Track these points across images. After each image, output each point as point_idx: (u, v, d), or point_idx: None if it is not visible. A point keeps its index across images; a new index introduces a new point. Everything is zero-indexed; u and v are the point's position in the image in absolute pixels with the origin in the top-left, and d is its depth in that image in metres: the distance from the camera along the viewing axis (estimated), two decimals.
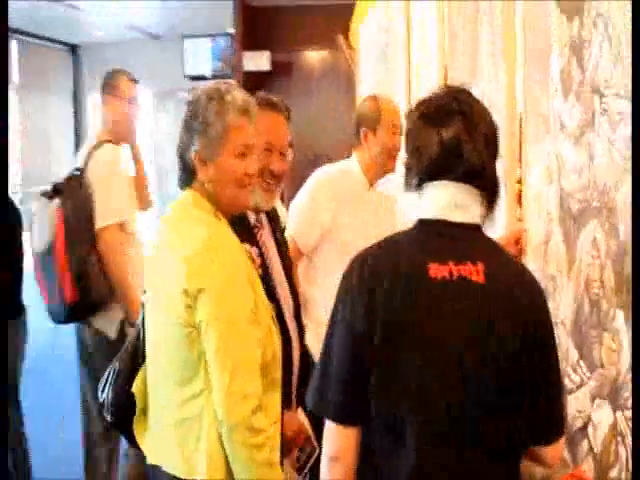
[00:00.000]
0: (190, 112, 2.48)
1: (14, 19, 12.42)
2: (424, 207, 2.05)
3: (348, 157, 4.13)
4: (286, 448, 2.78)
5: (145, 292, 2.64)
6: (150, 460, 2.52)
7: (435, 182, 2.02)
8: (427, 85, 4.49)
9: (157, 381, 2.51)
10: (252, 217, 2.87)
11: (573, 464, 2.59)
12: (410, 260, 2.00)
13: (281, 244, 3.01)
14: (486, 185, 2.07)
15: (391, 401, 1.96)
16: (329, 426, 2.05)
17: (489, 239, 2.13)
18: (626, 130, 2.30)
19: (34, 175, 12.70)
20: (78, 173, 4.30)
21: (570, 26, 2.65)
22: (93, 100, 14.94)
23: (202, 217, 2.45)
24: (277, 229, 3.06)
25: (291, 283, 3.03)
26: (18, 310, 4.74)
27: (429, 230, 2.05)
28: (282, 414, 2.62)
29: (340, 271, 2.94)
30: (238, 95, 2.48)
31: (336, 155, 5.68)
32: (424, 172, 2.04)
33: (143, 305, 2.66)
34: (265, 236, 2.87)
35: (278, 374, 2.53)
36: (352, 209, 3.86)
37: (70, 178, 4.35)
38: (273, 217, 3.06)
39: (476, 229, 2.06)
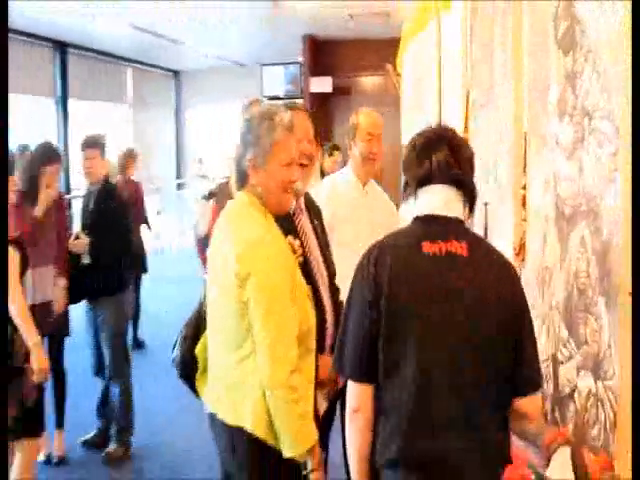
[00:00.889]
0: (245, 127, 2.48)
1: (130, 51, 12.66)
2: (418, 207, 2.12)
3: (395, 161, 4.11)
4: (320, 384, 2.76)
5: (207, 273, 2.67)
6: (208, 409, 2.55)
7: (427, 187, 2.10)
8: (454, 105, 4.44)
9: (215, 346, 2.54)
10: (293, 204, 2.82)
11: (561, 424, 2.56)
12: (407, 242, 2.09)
13: (317, 228, 2.96)
14: (466, 190, 2.13)
15: (395, 354, 2.00)
16: (349, 385, 2.09)
17: (472, 231, 2.22)
18: (610, 147, 2.26)
19: (145, 174, 12.92)
20: (226, 180, 4.34)
21: (566, 60, 2.60)
22: (190, 115, 15.13)
23: (253, 215, 2.45)
24: (314, 216, 3.01)
25: (326, 260, 2.98)
26: (124, 286, 4.80)
27: (422, 222, 2.11)
28: (317, 359, 2.62)
29: (339, 259, 2.94)
30: (285, 116, 2.47)
31: (385, 161, 5.62)
32: (419, 181, 2.12)
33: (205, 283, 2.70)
34: (304, 221, 2.83)
35: (312, 344, 2.51)
36: (348, 207, 3.78)
37: (221, 184, 4.43)
38: (311, 205, 3.03)
39: (460, 222, 2.12)
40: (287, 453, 2.33)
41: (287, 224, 2.63)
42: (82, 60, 11.95)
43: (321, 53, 11.60)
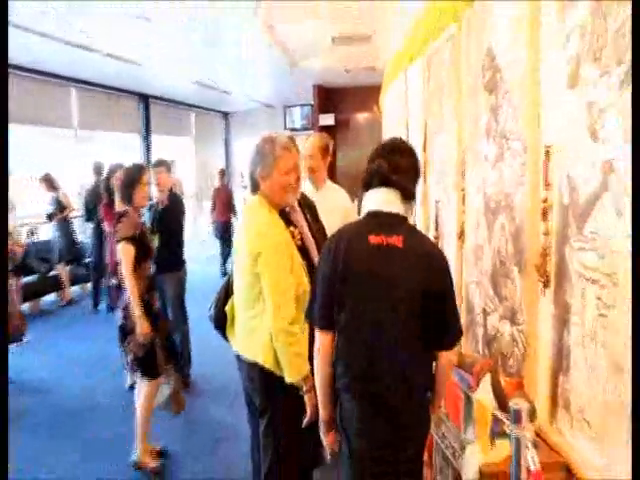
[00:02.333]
0: (255, 150, 2.48)
1: (193, 99, 12.67)
2: (368, 204, 2.04)
3: None
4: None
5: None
6: (236, 351, 2.55)
7: (374, 189, 2.03)
8: (417, 131, 4.40)
9: (238, 305, 2.55)
10: (287, 208, 2.71)
11: (489, 357, 2.54)
12: (358, 233, 2.00)
13: (310, 221, 2.83)
14: (404, 191, 2.02)
15: (348, 314, 1.97)
16: (316, 332, 2.08)
17: (410, 225, 2.05)
18: (520, 160, 2.23)
19: (206, 184, 12.90)
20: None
21: (490, 98, 2.56)
22: (237, 145, 15.13)
23: (263, 211, 2.45)
24: (308, 213, 2.85)
25: (317, 242, 2.83)
26: (182, 264, 4.78)
27: (370, 216, 2.02)
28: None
29: None
30: (282, 138, 2.47)
31: None
32: (364, 184, 2.07)
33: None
34: (298, 216, 2.71)
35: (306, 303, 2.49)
36: None
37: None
38: (305, 203, 2.88)
39: (401, 217, 2.01)
40: (287, 379, 2.34)
41: (285, 217, 2.59)
42: (160, 107, 11.99)
43: (327, 97, 11.52)
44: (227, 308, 2.63)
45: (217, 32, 6.54)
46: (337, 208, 3.52)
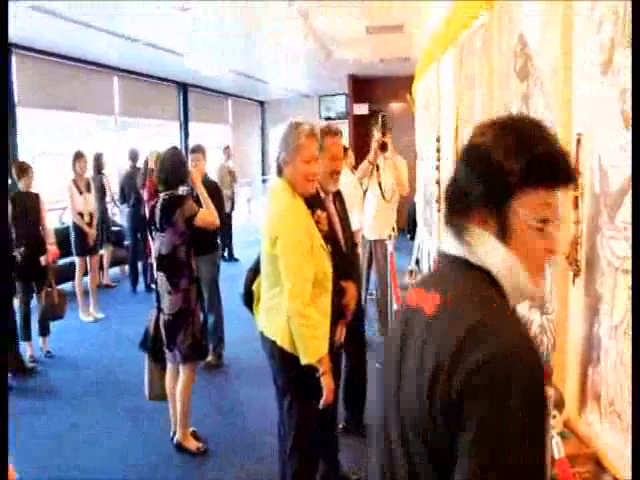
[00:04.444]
0: (281, 136, 2.47)
1: (230, 88, 12.72)
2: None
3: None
4: (342, 313, 2.74)
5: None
6: (259, 328, 2.57)
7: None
8: (448, 120, 4.31)
9: (263, 285, 2.55)
10: (322, 195, 2.82)
11: None
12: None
13: (339, 209, 2.92)
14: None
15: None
16: None
17: (464, 277, 1.08)
18: None
19: (242, 172, 12.95)
20: None
21: (522, 85, 2.49)
22: (272, 134, 15.15)
23: (285, 195, 2.43)
24: (340, 202, 2.97)
25: (343, 227, 2.94)
26: (217, 247, 4.79)
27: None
28: (339, 285, 2.62)
29: None
30: (307, 126, 2.44)
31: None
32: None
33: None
34: (329, 203, 2.81)
35: (329, 286, 2.46)
36: None
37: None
38: (340, 196, 3.00)
39: (461, 262, 1.08)
40: (302, 361, 2.32)
41: (319, 203, 2.63)
42: (198, 95, 12.07)
43: (361, 87, 11.44)
44: (254, 287, 2.64)
45: (254, 22, 6.53)
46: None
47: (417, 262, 6.08)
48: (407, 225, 9.54)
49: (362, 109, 11.25)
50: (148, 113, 10.47)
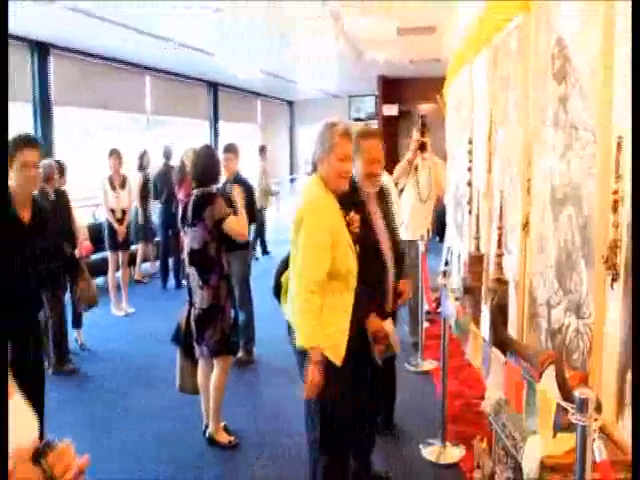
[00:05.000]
0: (317, 135, 2.49)
1: (259, 88, 12.81)
2: None
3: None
4: (372, 341, 2.71)
5: None
6: (287, 318, 2.55)
7: None
8: (482, 122, 4.28)
9: (290, 276, 2.53)
10: (364, 196, 2.80)
11: (552, 349, 2.46)
12: None
13: (385, 210, 2.88)
14: None
15: None
16: None
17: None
18: (590, 151, 2.14)
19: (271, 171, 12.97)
20: None
21: (559, 88, 2.47)
22: (301, 133, 15.23)
23: (317, 189, 2.45)
24: (383, 201, 2.92)
25: (390, 232, 2.87)
26: (248, 245, 4.80)
27: None
28: (363, 316, 2.61)
29: None
30: (341, 125, 2.46)
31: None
32: None
33: None
34: (371, 205, 2.79)
35: (352, 283, 2.44)
36: None
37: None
38: (383, 195, 2.95)
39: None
40: (297, 342, 2.34)
41: (356, 205, 2.62)
42: (228, 95, 12.19)
43: (390, 87, 11.40)
44: (283, 279, 2.65)
45: (286, 23, 6.56)
46: None
47: (446, 263, 6.04)
48: (436, 227, 9.50)
49: (392, 110, 11.21)
50: (179, 112, 10.60)
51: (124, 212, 6.42)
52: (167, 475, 3.25)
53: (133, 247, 7.50)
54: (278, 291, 2.71)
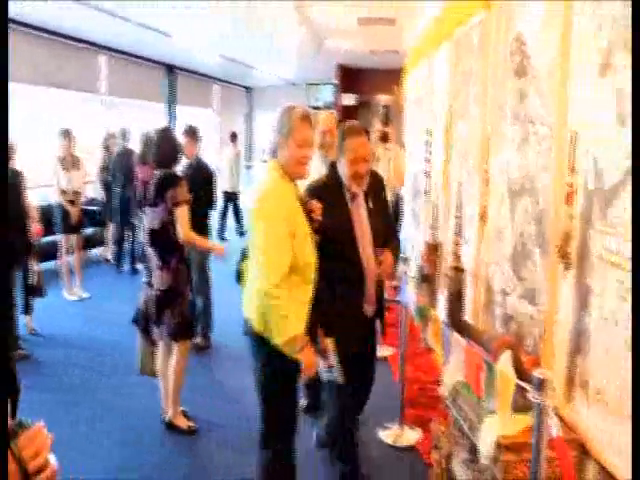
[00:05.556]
0: (275, 119, 2.38)
1: (218, 73, 12.64)
2: None
3: None
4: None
5: None
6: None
7: None
8: (441, 115, 4.37)
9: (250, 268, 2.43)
10: (348, 195, 2.61)
11: (507, 334, 2.56)
12: None
13: (375, 205, 2.66)
14: None
15: None
16: None
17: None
18: (546, 145, 2.23)
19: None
20: None
21: (517, 82, 2.55)
22: (258, 120, 15.13)
23: (274, 176, 2.34)
24: (371, 197, 2.65)
25: (377, 229, 2.64)
26: (207, 230, 4.71)
27: None
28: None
29: None
30: (300, 109, 2.35)
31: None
32: None
33: None
34: (358, 201, 2.60)
35: (310, 276, 2.34)
36: None
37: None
38: (375, 181, 2.69)
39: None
40: (275, 341, 2.25)
41: (340, 200, 2.57)
42: (186, 78, 11.99)
43: (349, 77, 11.43)
44: (243, 266, 2.54)
45: (247, 8, 6.49)
46: None
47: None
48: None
49: (350, 99, 11.26)
50: (135, 94, 10.35)
51: (76, 194, 6.25)
52: (125, 460, 3.23)
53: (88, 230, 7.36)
54: (240, 279, 2.62)
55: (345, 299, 2.60)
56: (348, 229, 2.58)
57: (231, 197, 9.97)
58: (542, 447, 1.41)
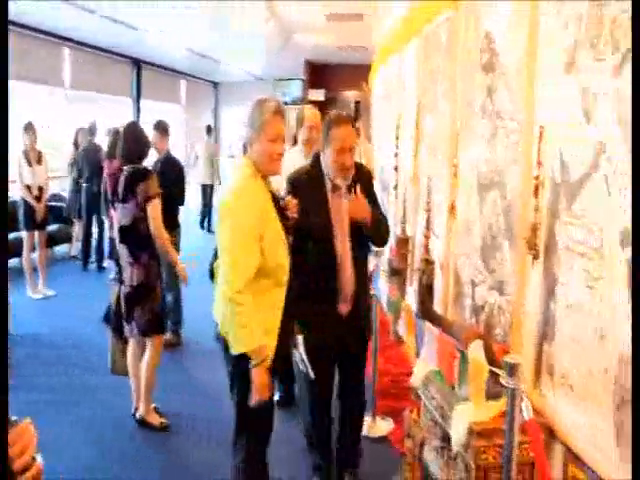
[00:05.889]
0: (247, 113, 2.29)
1: (185, 67, 12.50)
2: None
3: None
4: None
5: None
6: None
7: None
8: (410, 110, 4.42)
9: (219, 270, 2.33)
10: (329, 187, 2.53)
11: (476, 324, 2.62)
12: None
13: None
14: None
15: None
16: None
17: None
18: (514, 138, 2.29)
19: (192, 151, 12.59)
20: None
21: (486, 78, 2.60)
22: (225, 115, 15.02)
23: (245, 174, 2.25)
24: (360, 183, 2.53)
25: (353, 223, 2.53)
26: (177, 225, 4.71)
27: None
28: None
29: None
30: (273, 103, 2.26)
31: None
32: None
33: None
34: (340, 194, 2.51)
35: (282, 279, 2.25)
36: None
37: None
38: (360, 184, 2.53)
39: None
40: (232, 350, 2.18)
41: (320, 195, 2.51)
42: (152, 73, 11.82)
43: (317, 73, 11.50)
44: (215, 265, 2.43)
45: (215, 2, 6.45)
46: None
47: None
48: None
49: (318, 95, 11.30)
50: (100, 88, 10.17)
51: (41, 189, 6.13)
52: (96, 459, 3.21)
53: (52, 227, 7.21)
54: (213, 278, 2.53)
55: (316, 296, 2.53)
56: (325, 223, 2.51)
57: (207, 190, 10.21)
58: (515, 431, 1.46)
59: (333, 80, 11.57)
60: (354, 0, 6.22)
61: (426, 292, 2.78)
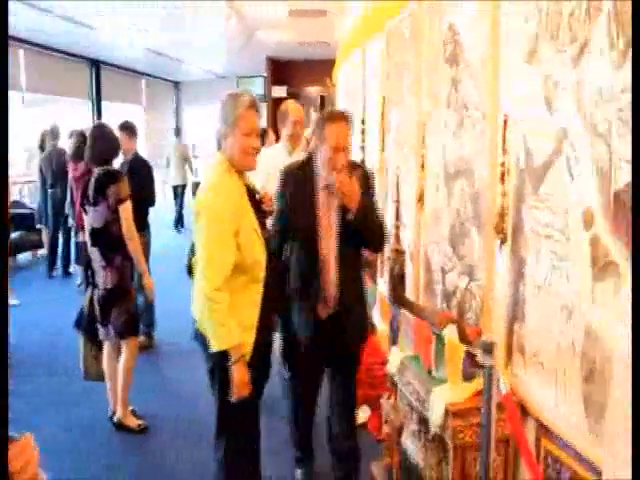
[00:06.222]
0: (220, 107, 2.27)
1: (145, 66, 12.34)
2: None
3: None
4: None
5: None
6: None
7: None
8: (374, 103, 4.48)
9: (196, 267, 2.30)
10: (320, 184, 2.47)
11: (448, 309, 2.68)
12: None
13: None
14: None
15: None
16: None
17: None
18: (479, 128, 2.36)
19: (154, 152, 12.42)
20: None
21: (451, 70, 2.67)
22: (187, 115, 14.92)
23: (219, 170, 2.24)
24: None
25: (342, 219, 2.45)
26: (147, 226, 4.63)
27: None
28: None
29: None
30: (247, 97, 2.25)
31: None
32: None
33: None
34: (329, 194, 2.45)
35: (259, 275, 2.24)
36: (276, 168, 2.98)
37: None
38: (360, 182, 2.43)
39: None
40: (213, 347, 2.16)
41: (311, 192, 2.48)
42: (111, 73, 11.64)
43: (279, 69, 11.49)
44: (193, 261, 2.39)
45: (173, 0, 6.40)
46: None
47: None
48: None
49: (281, 91, 11.30)
50: (58, 90, 9.99)
51: None
52: (74, 462, 3.18)
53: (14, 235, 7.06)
54: (191, 273, 2.48)
55: (296, 295, 2.51)
56: (310, 223, 2.47)
57: (177, 190, 10.41)
58: (492, 409, 1.52)
59: (296, 76, 11.59)
60: None
61: (398, 282, 2.83)
